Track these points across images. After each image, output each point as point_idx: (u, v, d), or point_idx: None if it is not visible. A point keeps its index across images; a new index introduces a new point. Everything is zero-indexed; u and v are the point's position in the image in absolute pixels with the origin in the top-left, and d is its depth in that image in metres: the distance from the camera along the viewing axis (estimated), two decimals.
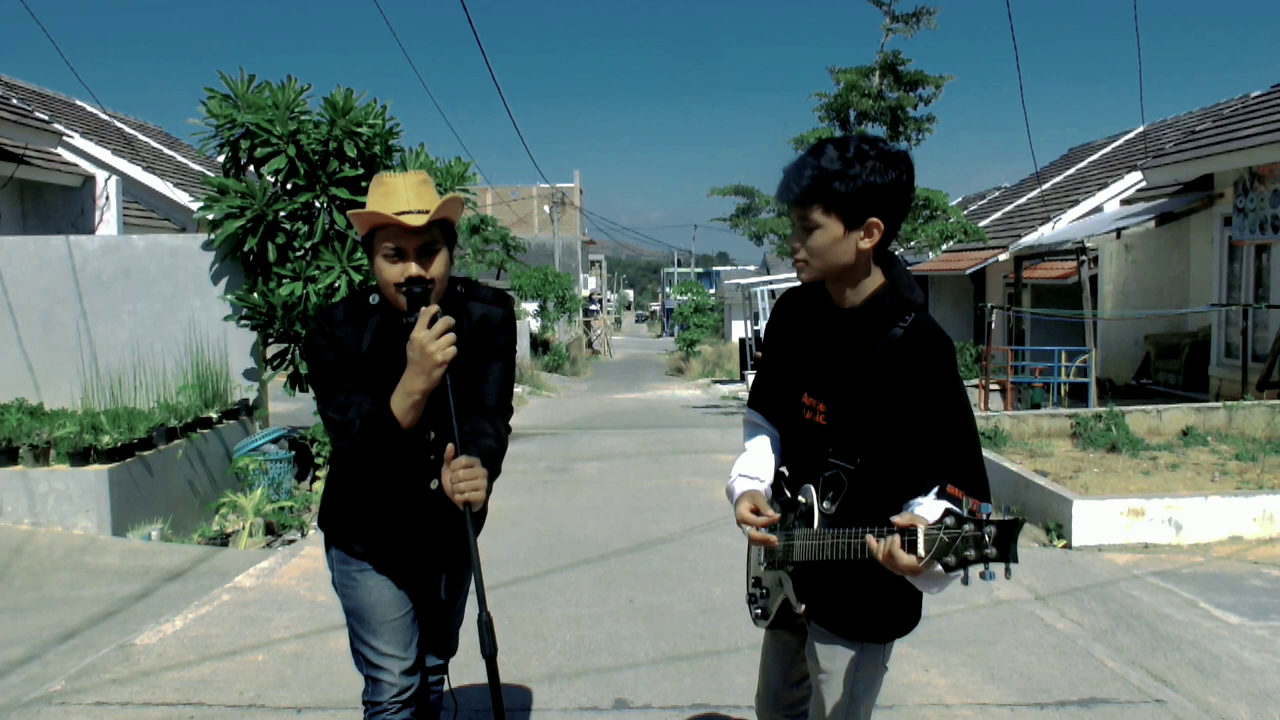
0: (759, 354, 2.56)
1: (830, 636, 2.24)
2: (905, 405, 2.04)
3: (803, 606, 2.21)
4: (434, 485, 2.51)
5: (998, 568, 1.83)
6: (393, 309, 2.43)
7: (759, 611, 2.46)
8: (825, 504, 2.15)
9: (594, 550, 6.56)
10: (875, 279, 2.11)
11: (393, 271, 2.37)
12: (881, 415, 2.06)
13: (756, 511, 2.22)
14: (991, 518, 1.84)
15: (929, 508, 1.96)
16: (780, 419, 2.33)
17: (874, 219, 2.03)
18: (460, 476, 2.30)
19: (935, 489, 2.01)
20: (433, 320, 2.29)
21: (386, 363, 2.41)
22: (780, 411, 2.31)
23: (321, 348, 2.43)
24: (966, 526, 1.83)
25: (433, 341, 2.27)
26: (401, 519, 2.56)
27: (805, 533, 2.16)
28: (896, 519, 1.91)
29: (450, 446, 2.32)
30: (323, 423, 2.45)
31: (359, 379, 2.41)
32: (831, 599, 2.20)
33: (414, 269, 2.36)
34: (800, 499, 2.19)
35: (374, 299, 2.47)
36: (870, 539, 1.95)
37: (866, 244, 2.05)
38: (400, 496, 2.54)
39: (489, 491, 2.36)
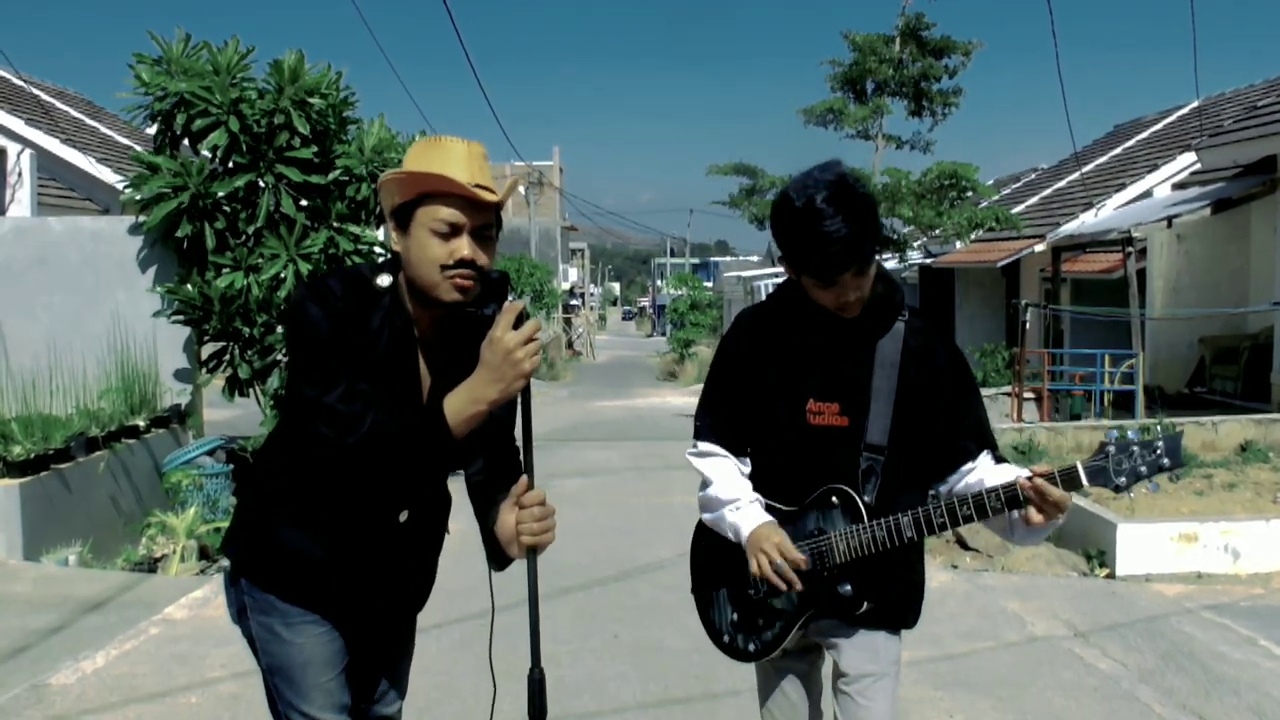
0: (712, 383, 2.71)
1: (874, 636, 2.56)
2: (935, 385, 2.49)
3: (865, 605, 2.50)
4: (403, 517, 2.38)
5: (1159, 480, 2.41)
6: (413, 295, 2.26)
7: (755, 646, 2.61)
8: (866, 496, 2.47)
9: (574, 578, 6.56)
10: None
11: (441, 251, 2.19)
12: (911, 401, 2.47)
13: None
14: (1152, 437, 2.37)
15: (998, 469, 2.46)
16: (750, 444, 2.60)
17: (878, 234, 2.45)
18: (536, 515, 2.25)
19: (984, 454, 2.50)
20: (519, 321, 2.11)
21: (392, 362, 2.26)
22: (753, 434, 2.59)
23: (318, 319, 2.18)
24: (1136, 446, 2.33)
25: (521, 347, 2.10)
26: (358, 555, 2.37)
27: (843, 532, 2.47)
28: (1034, 468, 2.35)
29: (523, 479, 2.25)
30: (312, 412, 2.18)
31: (360, 368, 2.20)
32: (882, 591, 2.52)
33: (466, 251, 2.20)
34: (833, 500, 2.49)
35: (383, 280, 2.27)
36: (1042, 485, 2.30)
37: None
38: (362, 527, 2.35)
39: None
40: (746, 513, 2.51)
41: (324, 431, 2.16)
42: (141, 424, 8.15)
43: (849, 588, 2.49)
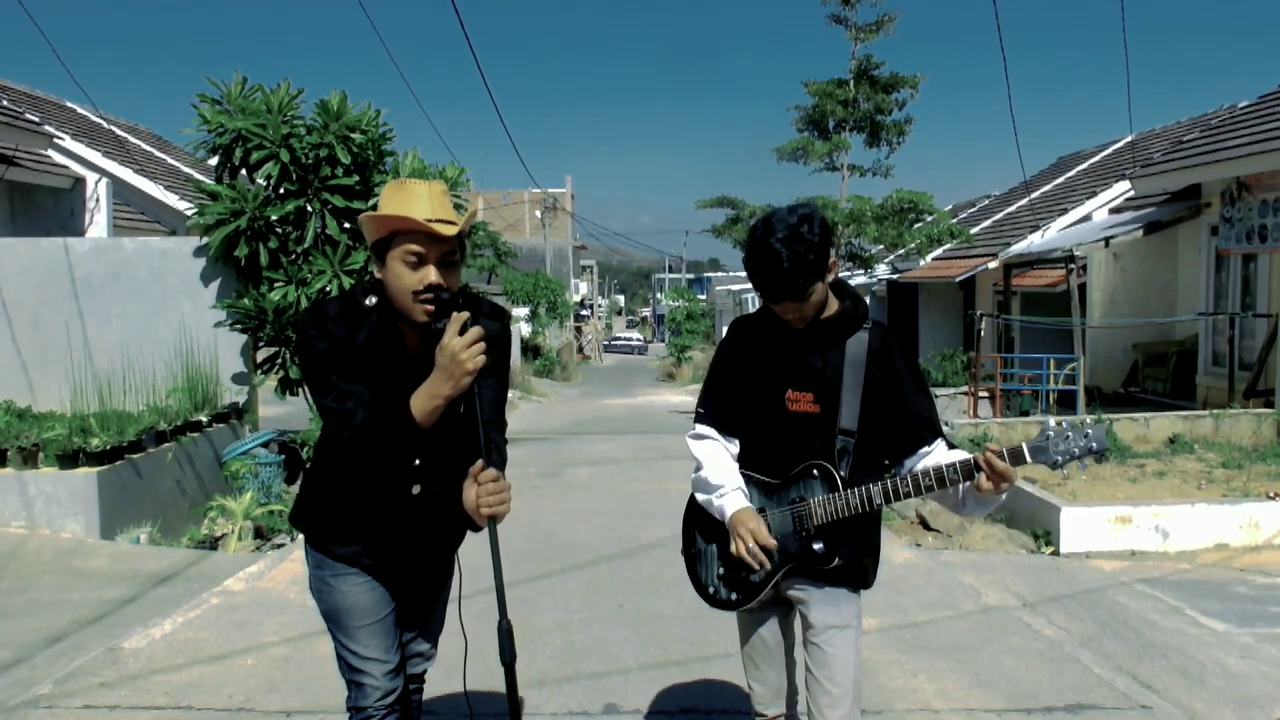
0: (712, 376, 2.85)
1: (837, 593, 2.64)
2: (895, 382, 2.59)
3: (836, 560, 2.59)
4: (415, 490, 2.52)
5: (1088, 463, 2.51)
6: (391, 313, 2.40)
7: (736, 596, 2.69)
8: (841, 471, 2.58)
9: (584, 555, 6.56)
10: (832, 297, 2.62)
11: (412, 278, 2.35)
12: (874, 394, 2.58)
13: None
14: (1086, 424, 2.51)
15: (949, 451, 2.58)
16: (740, 427, 2.71)
17: (830, 262, 2.53)
18: (490, 490, 2.35)
19: (936, 441, 2.60)
20: (464, 328, 2.27)
21: (381, 365, 2.39)
22: (743, 419, 2.70)
23: (313, 338, 2.39)
24: (1071, 432, 2.48)
25: (465, 350, 2.25)
26: (382, 521, 2.54)
27: (822, 499, 2.57)
28: (987, 446, 2.48)
29: (479, 461, 2.36)
30: (320, 412, 2.39)
31: (351, 374, 2.38)
32: (848, 550, 2.61)
33: (434, 276, 2.34)
34: (814, 472, 2.59)
35: (370, 301, 2.43)
36: (992, 458, 2.43)
37: (830, 278, 2.56)
38: (383, 498, 2.52)
39: None
40: (730, 499, 2.61)
41: (329, 425, 2.40)
42: (204, 419, 8.16)
43: (821, 545, 2.59)
